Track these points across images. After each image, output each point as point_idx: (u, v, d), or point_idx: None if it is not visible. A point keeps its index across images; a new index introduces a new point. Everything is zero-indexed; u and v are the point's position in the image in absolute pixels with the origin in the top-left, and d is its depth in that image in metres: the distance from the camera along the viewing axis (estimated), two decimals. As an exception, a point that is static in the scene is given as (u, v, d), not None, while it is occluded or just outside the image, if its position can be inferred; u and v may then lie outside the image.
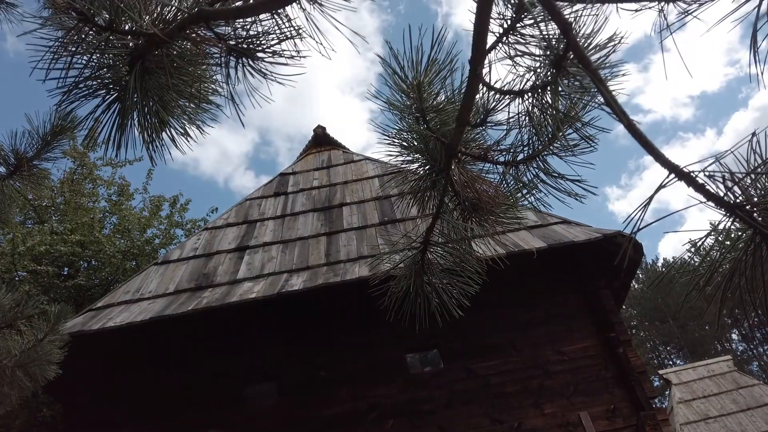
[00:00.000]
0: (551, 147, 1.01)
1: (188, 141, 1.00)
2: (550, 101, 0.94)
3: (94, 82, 0.90)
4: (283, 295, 6.23)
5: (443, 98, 1.08)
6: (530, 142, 1.05)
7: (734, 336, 57.21)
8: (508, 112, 1.02)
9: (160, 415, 6.47)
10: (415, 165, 1.23)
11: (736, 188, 0.79)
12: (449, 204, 1.22)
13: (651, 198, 0.84)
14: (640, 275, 60.95)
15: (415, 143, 1.16)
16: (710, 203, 0.81)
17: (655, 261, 63.88)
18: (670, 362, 52.02)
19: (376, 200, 8.58)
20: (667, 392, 23.13)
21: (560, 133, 0.99)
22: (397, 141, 1.18)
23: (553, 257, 7.06)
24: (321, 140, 11.00)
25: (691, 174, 0.80)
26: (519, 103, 0.99)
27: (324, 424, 6.31)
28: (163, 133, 0.98)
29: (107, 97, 0.91)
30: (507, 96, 0.97)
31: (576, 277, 7.16)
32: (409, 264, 1.40)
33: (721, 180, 0.79)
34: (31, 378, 2.75)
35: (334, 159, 10.50)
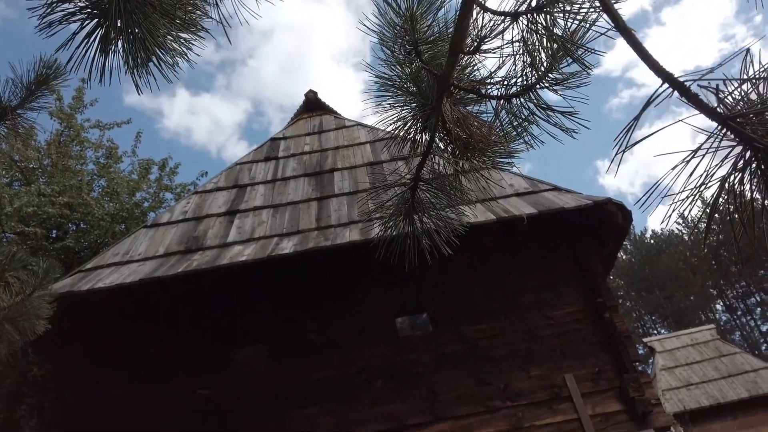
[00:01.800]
0: (545, 79, 0.98)
1: (175, 71, 0.97)
2: (544, 23, 0.92)
3: (71, 5, 0.86)
4: (273, 258, 6.23)
5: (436, 30, 1.05)
6: (524, 73, 1.03)
7: (719, 307, 58.26)
8: (502, 38, 0.99)
9: (150, 376, 6.52)
10: (406, 111, 1.20)
11: (728, 99, 0.78)
12: (440, 144, 1.19)
13: (642, 111, 0.82)
14: (629, 246, 61.62)
15: (407, 85, 1.13)
16: (703, 114, 0.79)
17: (644, 233, 64.51)
18: (655, 331, 53.01)
19: (367, 166, 8.54)
20: (650, 360, 23.65)
21: (554, 61, 0.96)
22: (389, 84, 1.16)
23: (543, 224, 7.09)
24: (312, 105, 10.88)
25: (685, 84, 0.78)
26: (514, 28, 0.96)
27: (314, 386, 6.38)
28: (150, 63, 0.95)
29: (87, 22, 0.87)
30: (502, 19, 0.94)
31: (565, 244, 7.20)
32: (398, 202, 1.38)
33: (714, 91, 0.77)
34: (19, 332, 2.74)
35: (326, 124, 10.39)
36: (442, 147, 1.21)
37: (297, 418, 6.18)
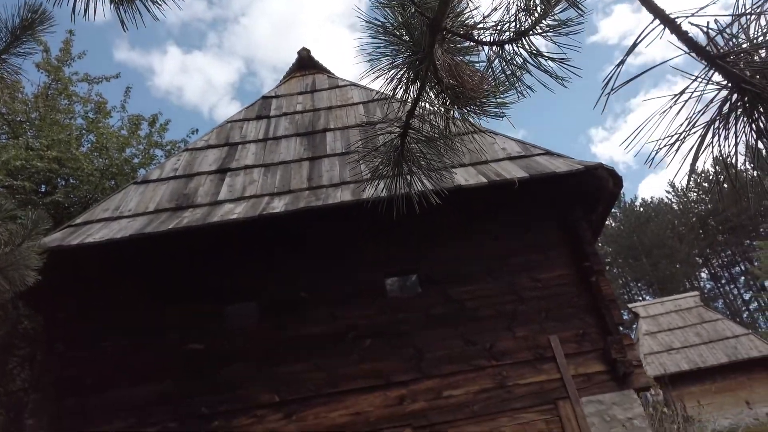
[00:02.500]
0: (539, 25, 0.98)
1: (161, 7, 0.95)
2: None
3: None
4: (264, 217, 6.23)
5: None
6: (517, 18, 1.01)
7: (703, 275, 59.28)
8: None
9: (140, 330, 6.58)
10: (398, 59, 1.19)
11: (719, 38, 0.77)
12: (431, 93, 1.19)
13: (632, 49, 0.82)
14: (618, 214, 62.15)
15: (399, 32, 1.12)
16: (692, 54, 0.78)
17: (634, 201, 65.00)
18: (640, 298, 53.96)
19: (360, 127, 8.47)
20: (634, 325, 24.16)
21: (549, 6, 0.95)
22: (381, 30, 1.14)
23: (534, 188, 7.12)
24: (306, 63, 10.71)
25: (675, 20, 0.77)
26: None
27: (303, 342, 6.48)
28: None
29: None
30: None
31: (556, 209, 7.25)
32: (388, 150, 1.38)
33: (704, 28, 0.77)
34: (9, 282, 2.74)
35: (319, 84, 10.26)
36: (433, 96, 1.20)
37: (287, 373, 6.29)
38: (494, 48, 1.06)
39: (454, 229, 7.21)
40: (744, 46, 0.76)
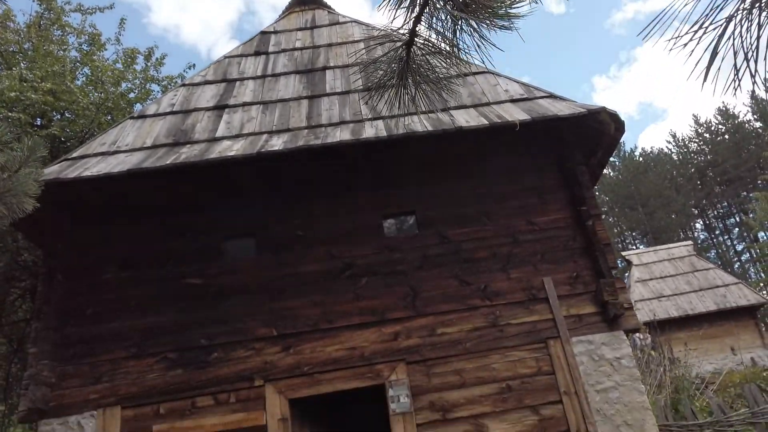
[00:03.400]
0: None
1: None
2: None
3: None
4: (263, 154, 6.19)
5: None
6: None
7: (698, 225, 59.71)
8: None
9: (140, 263, 6.66)
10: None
11: None
12: (439, 1, 1.15)
13: None
14: (617, 163, 61.99)
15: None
16: None
17: (633, 150, 64.67)
18: (634, 247, 54.52)
19: (361, 65, 8.30)
20: (626, 274, 24.53)
21: None
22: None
23: (535, 131, 7.07)
24: (306, -3, 10.37)
25: None
26: None
27: (300, 279, 6.58)
28: None
29: None
30: None
31: (555, 153, 7.22)
32: (392, 59, 1.35)
33: None
34: (7, 208, 2.75)
35: (319, 20, 9.98)
36: (441, 4, 1.16)
37: (284, 308, 6.42)
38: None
39: (452, 171, 7.20)
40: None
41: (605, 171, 60.11)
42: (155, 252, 6.73)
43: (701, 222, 60.09)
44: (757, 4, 0.74)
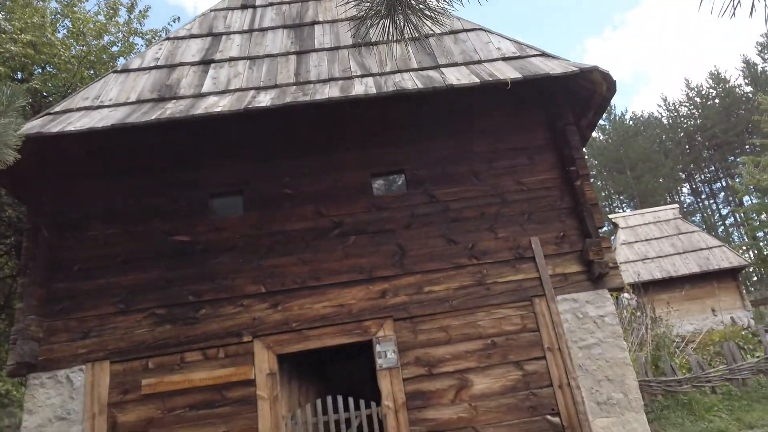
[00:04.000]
0: None
1: None
2: None
3: None
4: (250, 110, 6.08)
5: None
6: None
7: (685, 189, 60.26)
8: None
9: (126, 219, 6.62)
10: None
11: None
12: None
13: None
14: (607, 126, 61.92)
15: None
16: None
17: (624, 114, 64.55)
18: (621, 210, 55.01)
19: (350, 21, 8.11)
20: (612, 237, 24.79)
21: None
22: None
23: (526, 90, 7.00)
24: (293, -52, 10.03)
25: None
26: None
27: (288, 237, 6.58)
28: None
29: None
30: None
31: (546, 113, 7.18)
32: None
33: None
34: (-13, 158, 2.69)
35: (307, -28, 9.68)
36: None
37: (272, 266, 6.43)
38: None
39: (442, 130, 7.14)
40: None
41: (595, 135, 60.12)
42: (142, 208, 6.68)
43: (688, 186, 60.61)
44: None
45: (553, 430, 5.82)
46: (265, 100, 6.29)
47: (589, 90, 6.70)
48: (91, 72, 10.69)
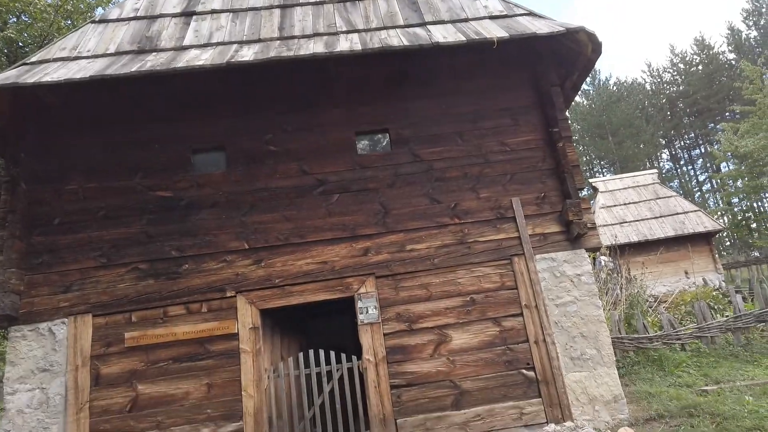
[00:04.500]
0: None
1: None
2: None
3: None
4: (232, 65, 5.98)
5: None
6: None
7: (664, 156, 60.92)
8: None
9: (106, 174, 6.54)
10: None
11: None
12: None
13: None
14: (591, 91, 61.87)
15: None
16: None
17: (608, 79, 64.47)
18: (601, 175, 55.55)
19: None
20: (592, 201, 25.12)
21: None
22: None
23: (511, 50, 6.98)
24: None
25: None
26: None
27: (272, 194, 6.57)
28: None
29: None
30: None
31: (531, 74, 7.17)
32: None
33: None
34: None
35: None
36: None
37: (255, 222, 6.45)
38: None
39: (427, 90, 7.11)
40: None
41: (579, 100, 60.12)
42: (122, 163, 6.60)
43: (668, 152, 61.24)
44: None
45: (528, 383, 6.03)
46: (248, 54, 6.18)
47: (574, 51, 6.69)
48: (68, 22, 10.36)
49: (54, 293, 6.11)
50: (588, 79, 63.17)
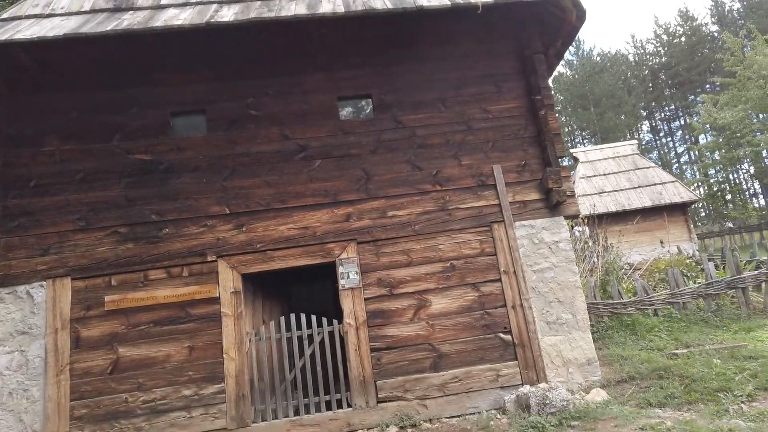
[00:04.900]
0: None
1: None
2: None
3: None
4: (212, 25, 5.85)
5: None
6: None
7: (644, 127, 61.40)
8: None
9: (84, 136, 6.42)
10: None
11: None
12: None
13: None
14: (575, 62, 61.74)
15: None
16: None
17: (592, 50, 64.35)
18: (583, 146, 55.90)
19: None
20: (572, 172, 25.34)
21: None
22: None
23: (496, 17, 6.92)
24: None
25: None
26: None
27: (253, 159, 6.52)
28: None
29: None
30: None
31: (515, 40, 7.13)
32: None
33: None
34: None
35: None
36: None
37: (235, 187, 6.41)
38: None
39: (411, 55, 7.04)
40: None
41: (563, 70, 59.98)
42: (100, 125, 6.47)
43: (648, 124, 61.71)
44: None
45: (505, 346, 6.18)
46: (228, 14, 6.05)
47: (559, 18, 6.66)
48: (39, -22, 9.95)
49: (31, 256, 6.05)
50: (572, 50, 63.11)
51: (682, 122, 56.78)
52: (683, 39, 55.31)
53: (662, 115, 60.69)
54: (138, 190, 6.32)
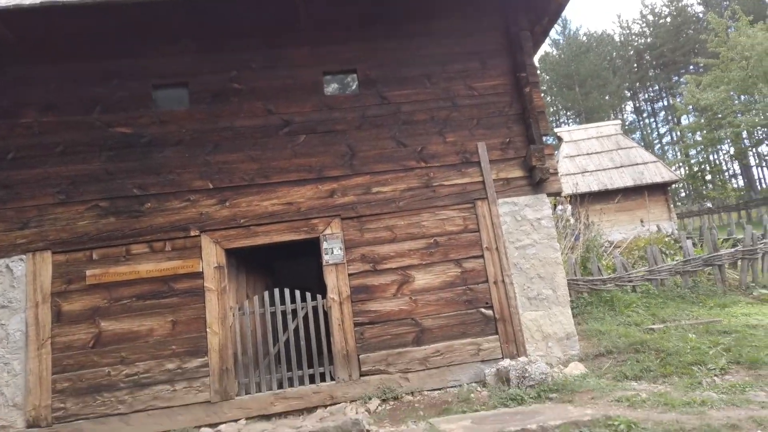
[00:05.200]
0: None
1: None
2: None
3: None
4: (194, -4, 5.75)
5: None
6: None
7: (628, 108, 61.74)
8: None
9: (63, 108, 6.31)
10: None
11: None
12: None
13: None
14: (561, 41, 61.63)
15: None
16: None
17: (578, 30, 64.23)
18: (567, 125, 56.10)
19: None
20: (556, 152, 25.47)
21: None
22: None
23: (483, -9, 6.87)
24: None
25: None
26: None
27: (236, 134, 6.47)
28: None
29: None
30: None
31: (501, 17, 7.10)
32: None
33: None
34: None
35: None
36: None
37: (219, 162, 6.36)
38: None
39: (397, 30, 6.98)
40: None
41: (549, 50, 59.82)
42: (80, 97, 6.36)
43: (632, 104, 62.06)
44: None
45: (486, 321, 6.27)
46: (210, -16, 5.94)
47: (545, -5, 6.64)
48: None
49: (10, 230, 5.97)
50: (558, 29, 62.99)
51: (666, 103, 57.20)
52: (669, 19, 55.41)
53: (646, 95, 61.05)
54: (119, 163, 6.24)
